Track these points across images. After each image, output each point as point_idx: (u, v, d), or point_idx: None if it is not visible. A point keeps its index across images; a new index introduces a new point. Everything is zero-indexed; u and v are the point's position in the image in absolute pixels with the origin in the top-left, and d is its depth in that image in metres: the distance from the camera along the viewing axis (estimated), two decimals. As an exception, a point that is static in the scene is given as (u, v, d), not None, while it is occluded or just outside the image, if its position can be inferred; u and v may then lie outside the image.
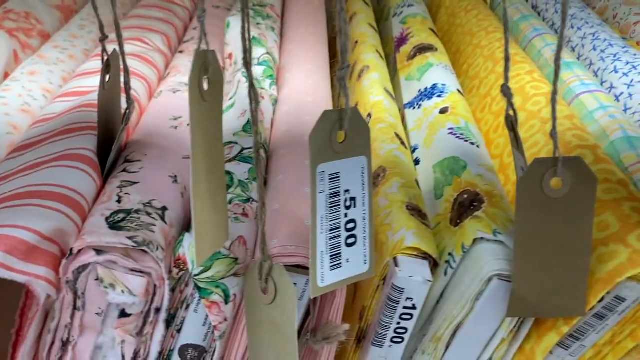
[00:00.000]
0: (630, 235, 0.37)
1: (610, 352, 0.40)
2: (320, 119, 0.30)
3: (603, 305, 0.38)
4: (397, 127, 0.52)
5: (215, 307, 0.35)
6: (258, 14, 0.66)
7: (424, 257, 0.38)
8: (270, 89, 0.53)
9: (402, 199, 0.42)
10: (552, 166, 0.34)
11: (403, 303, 0.38)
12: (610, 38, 0.66)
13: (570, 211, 0.35)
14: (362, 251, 0.34)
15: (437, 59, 0.64)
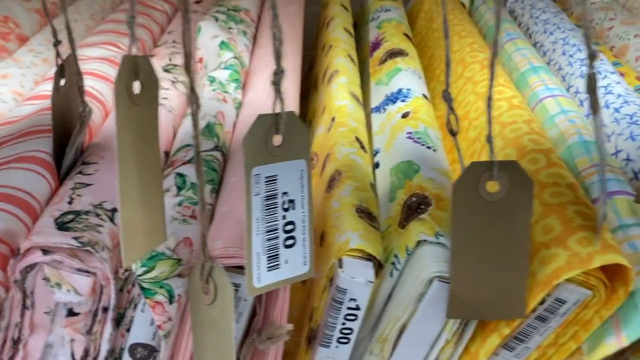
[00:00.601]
0: (570, 238, 0.38)
1: (554, 354, 0.40)
2: (254, 122, 0.31)
3: (544, 308, 0.38)
4: (358, 130, 0.53)
5: (159, 306, 0.36)
6: (231, 19, 0.66)
7: (369, 258, 0.39)
8: (234, 93, 0.54)
9: (353, 202, 0.43)
10: (488, 169, 0.35)
11: (347, 304, 0.38)
12: (579, 43, 0.66)
13: (507, 214, 0.35)
14: (302, 252, 0.35)
15: (406, 63, 0.64)
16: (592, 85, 0.36)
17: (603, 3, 0.83)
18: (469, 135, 0.55)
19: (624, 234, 0.40)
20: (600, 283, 0.37)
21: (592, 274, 0.37)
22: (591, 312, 0.38)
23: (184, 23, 0.33)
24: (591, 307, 0.38)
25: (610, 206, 0.43)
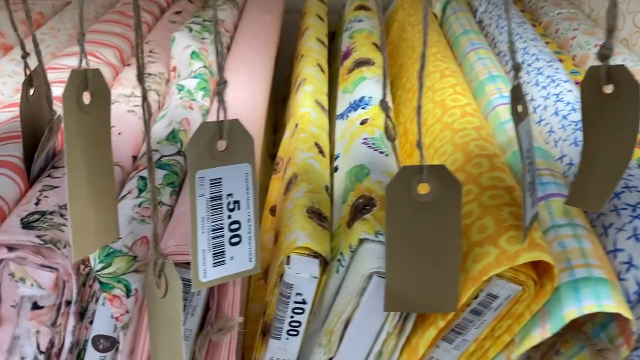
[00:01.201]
0: (501, 237, 0.41)
1: (491, 346, 0.43)
2: (198, 129, 0.34)
3: (478, 302, 0.41)
4: (319, 136, 0.56)
5: (117, 300, 0.39)
6: (205, 29, 0.69)
7: (315, 256, 0.42)
8: (202, 100, 0.57)
9: (305, 203, 0.45)
10: (419, 173, 0.37)
11: (294, 298, 0.41)
12: (539, 53, 0.69)
13: (438, 214, 0.38)
14: (248, 250, 0.37)
15: (371, 72, 0.67)
16: (516, 95, 0.39)
17: (569, 13, 0.86)
18: (425, 142, 0.58)
19: (555, 233, 0.43)
20: (529, 279, 0.40)
21: (521, 270, 0.40)
22: (522, 307, 0.41)
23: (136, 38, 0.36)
24: (522, 301, 0.41)
25: (546, 207, 0.45)
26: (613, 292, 0.38)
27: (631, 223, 0.43)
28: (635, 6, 0.78)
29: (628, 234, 0.42)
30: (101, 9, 0.88)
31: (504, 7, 0.81)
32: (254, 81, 0.62)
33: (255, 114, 0.57)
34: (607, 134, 0.39)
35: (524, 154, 0.38)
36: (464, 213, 0.45)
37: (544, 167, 0.49)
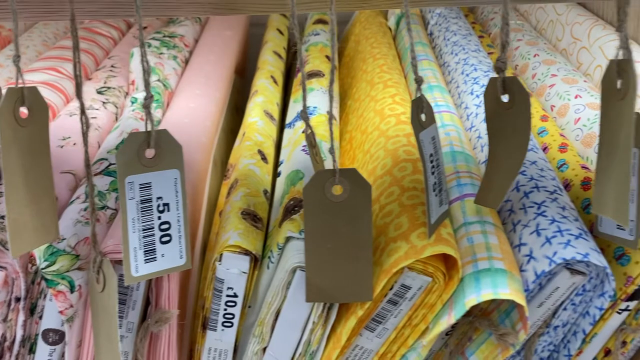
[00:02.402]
0: (413, 233, 0.45)
1: (410, 334, 0.47)
2: (127, 138, 0.38)
3: (393, 293, 0.45)
4: (263, 144, 0.60)
5: (61, 295, 0.43)
6: (164, 44, 0.74)
7: (246, 253, 0.46)
8: (153, 112, 0.61)
9: (241, 206, 0.50)
10: (332, 175, 0.42)
11: (226, 292, 0.45)
12: (477, 63, 0.74)
13: (351, 213, 0.42)
14: (178, 248, 0.41)
15: (320, 84, 0.72)
16: (419, 105, 0.43)
17: (516, 25, 0.91)
18: (364, 148, 0.62)
19: (466, 230, 0.47)
20: (437, 271, 0.44)
21: (430, 263, 0.44)
22: (435, 297, 0.45)
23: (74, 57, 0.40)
24: (434, 292, 0.45)
25: (460, 207, 0.50)
26: (510, 281, 0.42)
27: (535, 219, 0.47)
28: (573, 18, 0.83)
29: (531, 230, 0.47)
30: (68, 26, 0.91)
31: (406, 26, 0.86)
32: (207, 93, 0.66)
33: (206, 123, 0.62)
34: (505, 139, 0.44)
35: (426, 159, 0.42)
36: (386, 212, 0.50)
37: (464, 170, 0.53)
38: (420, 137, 0.42)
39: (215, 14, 0.52)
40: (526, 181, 0.51)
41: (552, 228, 0.45)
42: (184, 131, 0.58)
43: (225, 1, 0.50)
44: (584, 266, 0.44)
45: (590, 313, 0.46)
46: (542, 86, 0.73)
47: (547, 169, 0.53)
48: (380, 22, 0.93)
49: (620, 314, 0.47)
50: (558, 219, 0.46)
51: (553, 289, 0.44)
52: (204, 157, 0.58)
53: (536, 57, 0.79)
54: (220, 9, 0.51)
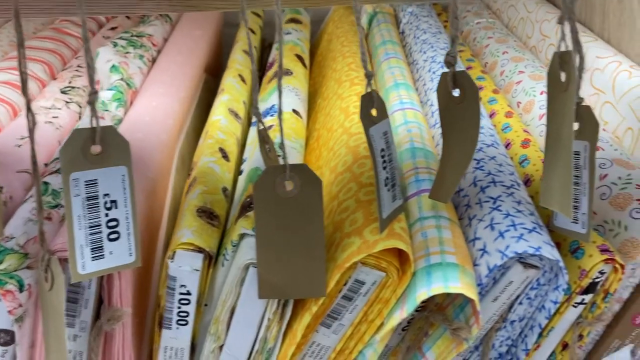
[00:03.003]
0: (366, 228, 0.45)
1: (366, 330, 0.47)
2: (70, 135, 0.38)
3: (348, 288, 0.45)
4: (225, 142, 0.60)
5: (10, 294, 0.42)
6: (131, 44, 0.73)
7: (199, 250, 0.45)
8: (115, 111, 0.61)
9: (196, 204, 0.49)
10: (282, 172, 0.41)
11: (178, 289, 0.45)
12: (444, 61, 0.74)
13: (302, 209, 0.42)
14: (127, 245, 0.41)
15: (287, 82, 0.71)
16: (368, 101, 0.43)
17: (487, 23, 0.91)
18: (329, 145, 0.62)
19: (421, 224, 0.47)
20: (390, 266, 0.44)
21: (383, 258, 0.44)
22: (389, 292, 0.45)
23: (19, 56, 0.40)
24: (388, 287, 0.45)
25: (417, 202, 0.50)
26: (461, 275, 0.42)
27: (490, 214, 0.47)
28: (542, 15, 0.83)
29: (485, 224, 0.47)
30: (41, 25, 0.91)
31: (356, 22, 0.86)
32: (171, 92, 0.66)
33: (168, 121, 0.61)
34: (456, 133, 0.44)
35: (376, 154, 0.42)
36: (343, 208, 0.49)
37: (423, 166, 0.53)
38: (370, 132, 0.42)
39: (173, 10, 0.51)
40: (484, 176, 0.51)
41: (505, 222, 0.45)
42: (144, 129, 0.57)
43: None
44: (537, 260, 0.44)
45: (545, 307, 0.46)
46: (510, 83, 0.74)
47: (506, 164, 0.53)
48: (352, 21, 0.93)
49: (576, 308, 0.47)
50: (512, 213, 0.46)
51: (507, 282, 0.44)
52: (165, 155, 0.58)
53: (505, 55, 0.79)
54: (177, 6, 0.51)
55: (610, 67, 0.65)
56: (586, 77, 0.69)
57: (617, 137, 0.61)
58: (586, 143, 0.43)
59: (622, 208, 0.49)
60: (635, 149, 0.58)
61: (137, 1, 0.50)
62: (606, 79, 0.64)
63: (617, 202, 0.50)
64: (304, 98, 0.71)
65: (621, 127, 0.61)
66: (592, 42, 0.71)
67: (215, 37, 0.91)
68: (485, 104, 0.70)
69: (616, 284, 0.46)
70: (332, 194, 0.53)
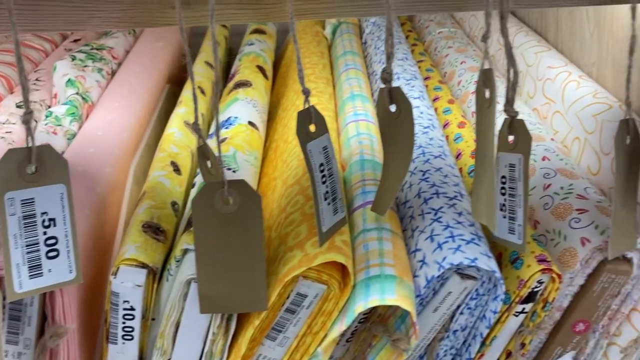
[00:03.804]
0: (308, 242, 0.45)
1: (311, 342, 0.47)
2: (5, 155, 0.38)
3: (290, 301, 0.46)
4: (177, 155, 0.60)
5: (-50, 313, 0.42)
6: (90, 57, 0.73)
7: (142, 266, 0.46)
8: (69, 125, 0.61)
9: (143, 219, 0.50)
10: (221, 188, 0.42)
11: (122, 305, 0.45)
12: (401, 72, 0.75)
13: (241, 224, 0.43)
14: (67, 262, 0.41)
15: (245, 94, 0.72)
16: (306, 117, 0.44)
17: (449, 32, 0.93)
18: (284, 157, 0.63)
19: (363, 237, 0.48)
20: (332, 279, 0.44)
21: (324, 271, 0.44)
22: (332, 304, 0.45)
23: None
24: (330, 299, 0.45)
25: (362, 214, 0.50)
26: (398, 287, 0.43)
27: (430, 225, 0.48)
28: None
29: (426, 235, 0.47)
30: (4, 38, 0.91)
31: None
32: (127, 105, 0.66)
33: (122, 135, 0.62)
34: (394, 146, 0.44)
35: (314, 169, 0.43)
36: (289, 221, 0.50)
37: (371, 178, 0.54)
38: (307, 147, 0.43)
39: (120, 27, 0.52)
40: (428, 187, 0.52)
41: (445, 234, 0.46)
42: (96, 144, 0.58)
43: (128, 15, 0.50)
44: (474, 270, 0.45)
45: (486, 316, 0.47)
46: (466, 93, 0.75)
47: (452, 175, 0.54)
48: (315, 31, 0.94)
49: (517, 317, 0.48)
50: (452, 225, 0.47)
51: (446, 293, 0.45)
52: (118, 169, 0.58)
53: (463, 64, 0.80)
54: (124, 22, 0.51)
55: (561, 77, 0.66)
56: (539, 87, 0.70)
57: (565, 147, 0.62)
58: (520, 156, 0.44)
59: (563, 218, 0.50)
60: (581, 159, 0.59)
61: (84, 18, 0.50)
62: (556, 88, 0.66)
63: (558, 212, 0.51)
64: (262, 109, 0.72)
65: (569, 137, 0.62)
66: (545, 52, 0.72)
67: (179, 47, 0.92)
68: (440, 115, 0.71)
69: (554, 293, 0.47)
70: (281, 207, 0.54)
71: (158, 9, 0.49)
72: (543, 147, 0.59)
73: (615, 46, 0.62)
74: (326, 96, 0.71)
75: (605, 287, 0.47)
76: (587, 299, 0.48)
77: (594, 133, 0.58)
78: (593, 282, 0.47)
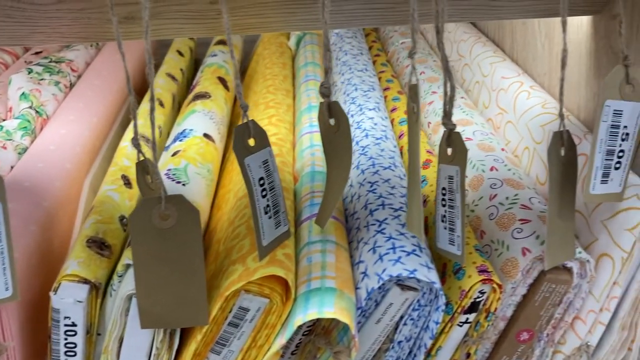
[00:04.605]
0: (250, 256, 0.46)
1: (257, 355, 0.47)
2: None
3: (233, 315, 0.46)
4: (129, 169, 0.60)
5: None
6: (47, 70, 0.73)
7: (84, 282, 0.45)
8: (20, 140, 0.61)
9: (88, 234, 0.49)
10: (158, 203, 0.42)
11: (63, 321, 0.45)
12: (360, 83, 0.75)
13: (180, 239, 0.43)
14: (3, 280, 0.41)
15: (203, 105, 0.72)
16: (244, 132, 0.44)
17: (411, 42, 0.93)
18: (238, 169, 0.63)
19: (308, 249, 0.48)
20: (274, 292, 0.45)
21: (266, 285, 0.45)
22: (275, 317, 0.46)
23: None
24: (273, 312, 0.45)
25: (308, 226, 0.51)
26: (337, 300, 0.43)
27: (374, 237, 0.48)
28: (460, 35, 0.85)
29: (369, 247, 0.48)
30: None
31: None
32: (83, 118, 0.66)
33: (75, 149, 0.61)
34: (334, 159, 0.45)
35: (253, 183, 0.43)
36: (235, 234, 0.50)
37: (319, 190, 0.55)
38: (245, 162, 0.43)
39: (65, 42, 0.52)
40: (374, 199, 0.52)
41: (387, 245, 0.47)
42: (46, 158, 0.57)
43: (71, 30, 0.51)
44: (414, 282, 0.45)
45: (429, 327, 0.47)
46: (423, 103, 0.76)
47: (399, 187, 0.55)
48: (280, 42, 0.94)
49: (461, 327, 0.48)
50: (395, 236, 0.47)
51: (387, 305, 0.46)
52: (68, 184, 0.58)
53: (422, 75, 0.81)
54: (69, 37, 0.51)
55: (513, 87, 0.67)
56: (493, 97, 0.71)
57: (516, 156, 0.63)
58: (457, 168, 0.44)
59: (506, 228, 0.51)
60: (531, 168, 0.60)
61: (27, 33, 0.50)
62: (509, 99, 0.67)
63: (502, 222, 0.51)
64: (220, 120, 0.72)
65: (520, 146, 0.63)
66: (500, 63, 0.73)
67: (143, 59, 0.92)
68: (396, 125, 0.71)
69: (496, 303, 0.47)
70: (230, 219, 0.54)
71: (99, 25, 0.49)
72: (492, 158, 0.60)
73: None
74: (284, 107, 0.71)
75: (546, 297, 0.48)
76: (529, 308, 0.48)
77: (542, 143, 0.59)
78: (534, 292, 0.48)
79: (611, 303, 0.49)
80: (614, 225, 0.47)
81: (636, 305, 0.49)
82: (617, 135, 0.43)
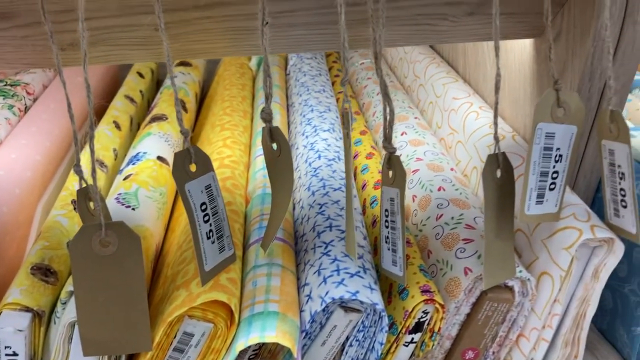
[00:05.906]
0: (194, 281, 0.46)
1: (205, 380, 0.47)
2: None
3: (178, 340, 0.46)
4: (80, 194, 0.60)
5: None
6: (1, 94, 0.73)
7: (27, 310, 0.45)
8: (-31, 166, 0.60)
9: (32, 261, 0.49)
10: (99, 230, 0.42)
11: (4, 351, 0.44)
12: (316, 104, 0.76)
13: (121, 266, 0.43)
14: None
15: (159, 128, 0.72)
16: (186, 157, 0.44)
17: (370, 63, 0.95)
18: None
19: (254, 273, 0.49)
20: (217, 317, 0.45)
21: (209, 309, 0.45)
22: (220, 342, 0.46)
23: None
24: (218, 337, 0.45)
25: (255, 249, 0.51)
26: (279, 324, 0.43)
27: (320, 259, 0.49)
28: (415, 56, 0.87)
29: (315, 269, 0.48)
30: None
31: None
32: (35, 142, 0.66)
33: (25, 173, 0.61)
34: (278, 183, 0.45)
35: (194, 208, 0.43)
36: (181, 259, 0.50)
37: (269, 213, 0.55)
38: (186, 187, 0.43)
39: (10, 68, 0.52)
40: (322, 221, 0.53)
41: (331, 267, 0.47)
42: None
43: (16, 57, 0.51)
44: (358, 303, 0.46)
45: (375, 348, 0.48)
46: (378, 124, 0.77)
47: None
48: (241, 63, 0.95)
49: (407, 347, 0.49)
50: (340, 258, 0.48)
51: (332, 327, 0.46)
52: (16, 209, 0.57)
53: (378, 95, 0.82)
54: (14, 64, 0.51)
55: (463, 107, 0.69)
56: (445, 117, 0.72)
57: (465, 176, 0.64)
58: (397, 190, 0.45)
59: (450, 248, 0.52)
60: (479, 188, 0.62)
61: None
62: (459, 119, 0.68)
63: (446, 241, 0.52)
64: (176, 143, 0.72)
65: (469, 166, 0.64)
66: (452, 84, 0.75)
67: (106, 80, 0.92)
68: (352, 146, 0.72)
69: (440, 323, 0.48)
70: (178, 244, 0.54)
71: (44, 51, 0.50)
72: (441, 178, 0.61)
73: (510, 77, 0.65)
74: (240, 129, 0.72)
75: (489, 315, 0.49)
76: (473, 327, 0.49)
77: (489, 163, 0.60)
78: (477, 311, 0.49)
79: (553, 320, 0.50)
80: (552, 244, 0.48)
81: (577, 321, 0.50)
82: (550, 157, 0.45)
